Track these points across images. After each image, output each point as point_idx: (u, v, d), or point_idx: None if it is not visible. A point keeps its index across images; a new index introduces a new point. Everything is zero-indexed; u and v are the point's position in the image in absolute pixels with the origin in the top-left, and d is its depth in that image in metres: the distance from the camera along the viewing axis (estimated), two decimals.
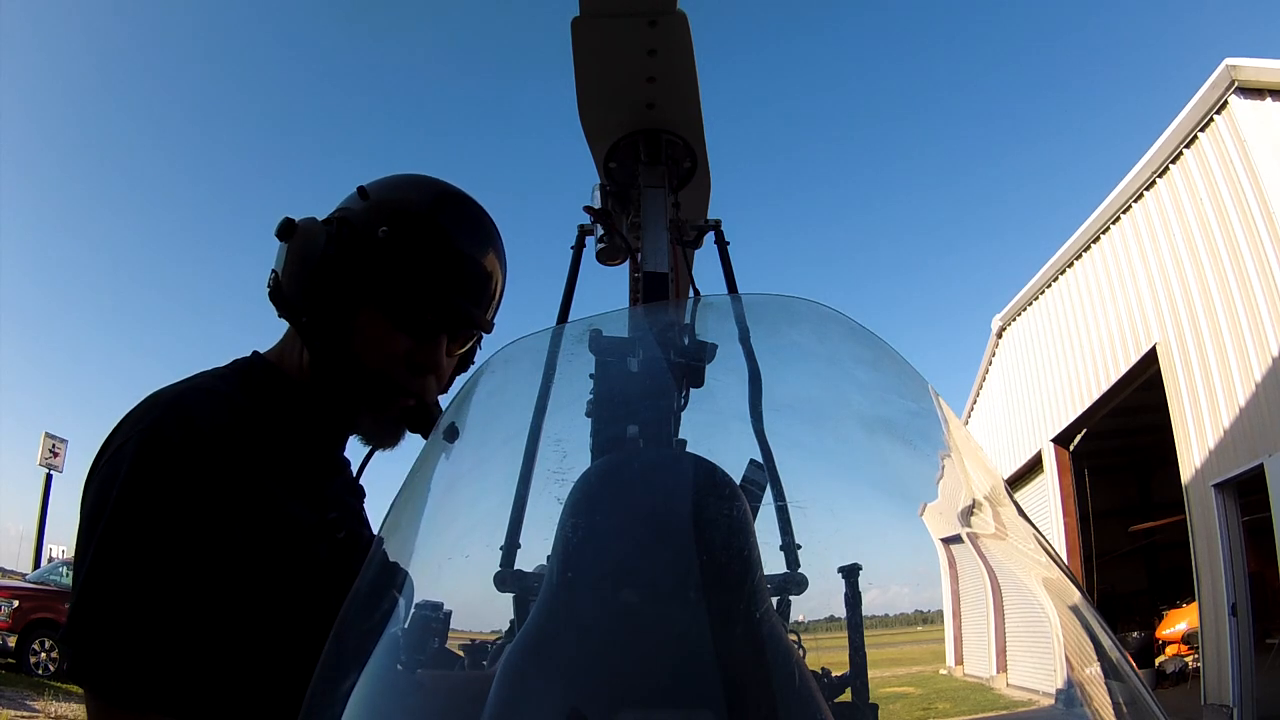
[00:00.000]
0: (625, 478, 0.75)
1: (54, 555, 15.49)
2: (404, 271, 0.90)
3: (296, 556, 0.85)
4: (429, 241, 0.91)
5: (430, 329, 0.93)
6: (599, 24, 1.04)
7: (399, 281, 0.90)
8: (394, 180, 0.98)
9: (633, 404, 0.82)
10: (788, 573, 0.80)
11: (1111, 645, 0.66)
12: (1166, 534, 11.95)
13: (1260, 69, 7.48)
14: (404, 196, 0.94)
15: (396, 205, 0.93)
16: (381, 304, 0.91)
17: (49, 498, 16.47)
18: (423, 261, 0.91)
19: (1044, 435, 11.87)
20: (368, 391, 0.93)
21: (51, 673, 10.05)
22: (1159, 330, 9.00)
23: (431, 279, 0.91)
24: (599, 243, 1.21)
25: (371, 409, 0.95)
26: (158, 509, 0.76)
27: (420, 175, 1.00)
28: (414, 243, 0.90)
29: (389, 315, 0.91)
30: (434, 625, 0.72)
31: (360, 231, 0.90)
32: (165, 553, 0.75)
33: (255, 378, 0.95)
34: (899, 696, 0.78)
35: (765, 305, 0.87)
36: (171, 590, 0.75)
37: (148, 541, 0.75)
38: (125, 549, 0.75)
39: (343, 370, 0.92)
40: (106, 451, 0.82)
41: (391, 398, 0.94)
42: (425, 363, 0.94)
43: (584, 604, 0.66)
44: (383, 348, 0.92)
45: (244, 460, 0.83)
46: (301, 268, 0.92)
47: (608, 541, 0.68)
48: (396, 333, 0.92)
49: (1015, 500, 0.77)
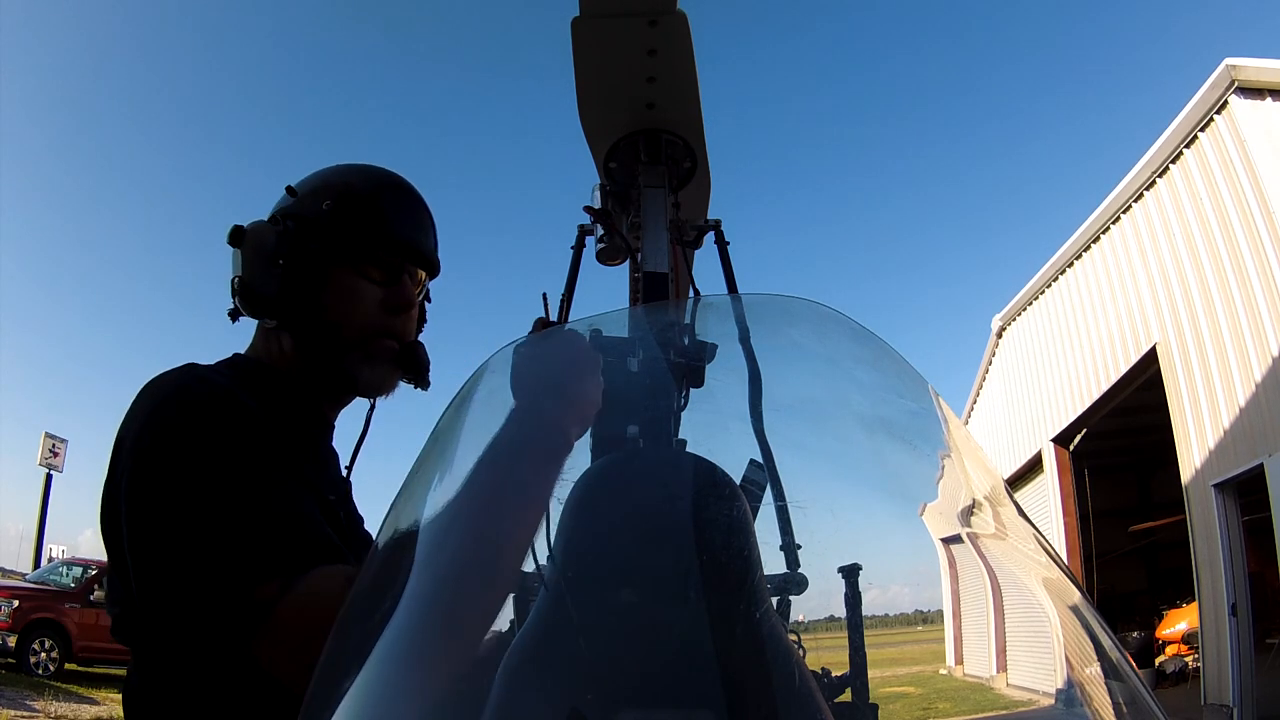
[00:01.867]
0: (625, 478, 0.75)
1: (54, 555, 15.47)
2: (356, 226, 1.00)
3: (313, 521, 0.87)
4: (368, 198, 1.03)
5: (393, 268, 1.03)
6: (599, 24, 1.04)
7: (354, 236, 1.00)
8: (319, 172, 1.08)
9: (633, 404, 0.82)
10: (788, 573, 0.80)
11: (1111, 645, 0.66)
12: (1166, 534, 11.96)
13: (1260, 69, 7.48)
14: (329, 178, 1.05)
15: (327, 184, 1.03)
16: (344, 263, 1.00)
17: (49, 498, 16.48)
18: (369, 212, 1.02)
19: (1044, 435, 11.88)
20: (355, 346, 1.01)
21: (51, 673, 10.06)
22: (1159, 330, 9.00)
23: (380, 224, 1.02)
24: (599, 243, 1.21)
25: (364, 360, 1.02)
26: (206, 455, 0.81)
27: (340, 164, 1.10)
28: (356, 202, 1.01)
29: (355, 269, 1.01)
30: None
31: (305, 213, 1.01)
32: (228, 494, 0.79)
33: (245, 371, 1.00)
34: (899, 696, 0.78)
35: (765, 305, 0.86)
36: (238, 524, 0.78)
37: (224, 480, 0.79)
38: (211, 492, 0.79)
39: (328, 339, 1.00)
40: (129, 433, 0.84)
41: (377, 343, 1.02)
42: (398, 302, 1.03)
43: (584, 604, 0.66)
44: (357, 302, 1.01)
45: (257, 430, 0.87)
46: (263, 261, 0.99)
47: (608, 541, 0.68)
48: (364, 284, 1.01)
49: (1015, 500, 0.77)
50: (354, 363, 1.01)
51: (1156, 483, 13.75)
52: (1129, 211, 9.62)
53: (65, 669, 10.36)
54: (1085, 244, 10.63)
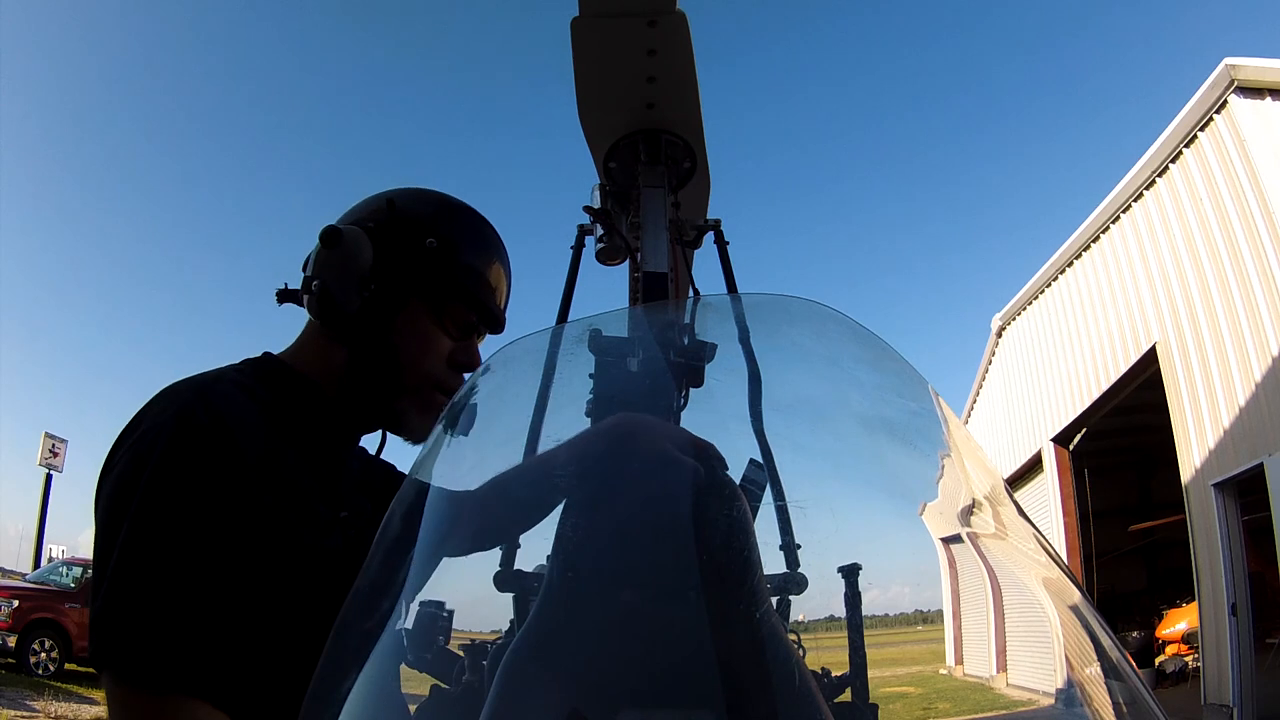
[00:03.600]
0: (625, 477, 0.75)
1: (54, 555, 15.47)
2: (454, 277, 1.00)
3: (315, 547, 0.87)
4: (473, 250, 1.03)
5: (469, 326, 1.04)
6: (599, 24, 1.04)
7: (449, 286, 1.00)
8: (419, 194, 1.05)
9: (632, 404, 0.82)
10: (788, 573, 0.80)
11: (1111, 645, 0.66)
12: (1166, 534, 11.96)
13: (1260, 69, 7.48)
14: (435, 211, 1.03)
15: (435, 218, 1.02)
16: (428, 306, 1.00)
17: (49, 498, 16.49)
18: (469, 268, 1.01)
19: (1044, 435, 11.87)
20: (411, 391, 1.00)
21: (51, 673, 10.06)
22: (1159, 330, 9.00)
23: (477, 283, 1.02)
24: (599, 243, 1.21)
25: (417, 408, 1.01)
26: (189, 491, 0.78)
27: (436, 191, 1.07)
28: (462, 252, 1.01)
29: (435, 316, 1.00)
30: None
31: (406, 240, 0.99)
32: (196, 537, 0.77)
33: (272, 374, 0.98)
34: (899, 696, 0.78)
35: (765, 305, 0.86)
36: (202, 575, 0.76)
37: (180, 525, 0.77)
38: (158, 532, 0.76)
39: (389, 376, 0.99)
40: (129, 438, 0.83)
41: (434, 396, 1.01)
42: (466, 362, 1.03)
43: (584, 604, 0.65)
44: (428, 349, 1.00)
45: (267, 449, 0.86)
46: (352, 276, 0.96)
47: (608, 541, 0.68)
48: (439, 334, 1.01)
49: (1015, 500, 0.77)
50: (406, 407, 1.00)
51: (1156, 483, 13.73)
52: (1129, 211, 9.62)
53: (65, 669, 10.37)
54: (1085, 244, 10.63)
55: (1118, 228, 9.91)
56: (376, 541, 0.69)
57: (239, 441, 0.83)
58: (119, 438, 0.85)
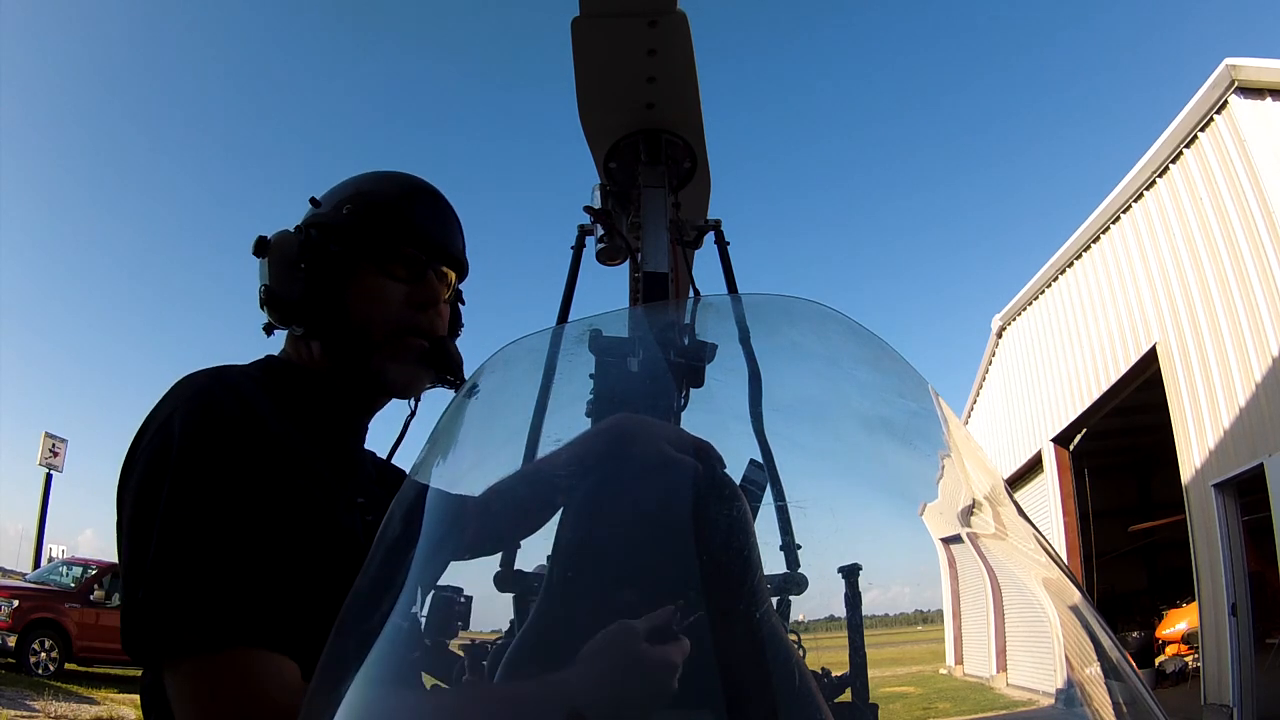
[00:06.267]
0: (626, 478, 0.75)
1: (54, 555, 15.48)
2: (376, 225, 1.01)
3: (339, 525, 0.88)
4: (389, 198, 1.03)
5: (417, 265, 1.02)
6: (599, 24, 1.04)
7: (377, 236, 1.01)
8: (335, 185, 1.08)
9: (633, 404, 0.82)
10: (788, 573, 0.80)
11: (1111, 645, 0.66)
12: (1166, 534, 11.94)
13: (1260, 69, 7.48)
14: (350, 185, 1.06)
15: (348, 189, 1.04)
16: (368, 263, 1.00)
17: (49, 497, 16.51)
18: (390, 212, 1.02)
19: (1044, 435, 11.87)
20: (383, 345, 1.00)
21: (51, 672, 10.06)
22: (1159, 330, 9.00)
23: (401, 221, 1.02)
24: (599, 243, 1.21)
25: (392, 359, 1.01)
26: (221, 467, 0.79)
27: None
28: (377, 203, 1.02)
29: (379, 269, 1.00)
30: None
31: (328, 218, 1.01)
32: (233, 511, 0.78)
33: (277, 371, 1.01)
34: (899, 696, 0.78)
35: (765, 305, 0.86)
36: (243, 546, 0.77)
37: (217, 500, 0.78)
38: (195, 510, 0.77)
39: (354, 340, 0.99)
40: (152, 424, 0.84)
41: (405, 341, 1.01)
42: (424, 298, 1.02)
43: (584, 604, 0.66)
44: (381, 301, 1.00)
45: (286, 436, 0.87)
46: (288, 268, 0.99)
47: (608, 542, 0.68)
48: (389, 283, 1.01)
49: (1015, 500, 0.77)
50: (381, 362, 1.00)
51: (1156, 483, 13.74)
52: (1129, 211, 9.62)
53: (65, 669, 10.37)
54: (1085, 244, 10.63)
55: (1118, 228, 9.90)
56: (376, 542, 0.69)
57: (262, 419, 0.85)
58: (142, 426, 0.86)
